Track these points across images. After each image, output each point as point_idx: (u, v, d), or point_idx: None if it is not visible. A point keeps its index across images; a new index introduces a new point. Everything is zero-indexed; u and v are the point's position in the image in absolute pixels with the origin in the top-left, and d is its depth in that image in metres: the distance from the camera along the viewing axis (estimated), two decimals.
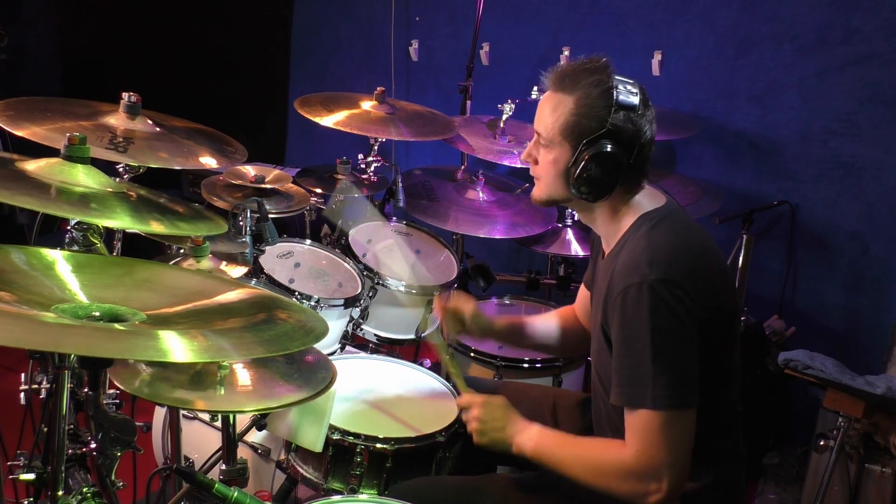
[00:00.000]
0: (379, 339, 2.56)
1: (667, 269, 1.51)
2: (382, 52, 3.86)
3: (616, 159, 1.58)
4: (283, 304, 1.33)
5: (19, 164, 1.43)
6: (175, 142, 1.99)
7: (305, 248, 2.59)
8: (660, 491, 1.50)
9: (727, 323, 1.62)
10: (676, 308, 1.49)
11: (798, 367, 2.36)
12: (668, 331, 1.49)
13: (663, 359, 1.48)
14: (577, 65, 1.64)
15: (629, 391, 1.52)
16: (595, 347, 1.72)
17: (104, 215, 1.38)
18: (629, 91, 1.58)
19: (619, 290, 1.53)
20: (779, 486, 2.86)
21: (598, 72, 1.61)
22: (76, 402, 1.61)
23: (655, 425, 1.49)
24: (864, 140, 2.99)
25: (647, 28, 3.30)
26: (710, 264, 1.62)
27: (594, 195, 1.63)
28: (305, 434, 1.78)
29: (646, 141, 1.60)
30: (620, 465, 1.53)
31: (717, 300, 1.57)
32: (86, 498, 1.33)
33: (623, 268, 1.56)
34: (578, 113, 1.60)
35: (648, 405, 1.49)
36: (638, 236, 1.60)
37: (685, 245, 1.59)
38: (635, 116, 1.58)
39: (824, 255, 3.12)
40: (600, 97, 1.58)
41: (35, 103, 1.91)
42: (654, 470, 1.50)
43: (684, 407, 1.50)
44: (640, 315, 1.49)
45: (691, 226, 1.68)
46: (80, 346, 1.04)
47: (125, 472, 1.68)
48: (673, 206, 1.69)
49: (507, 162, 2.90)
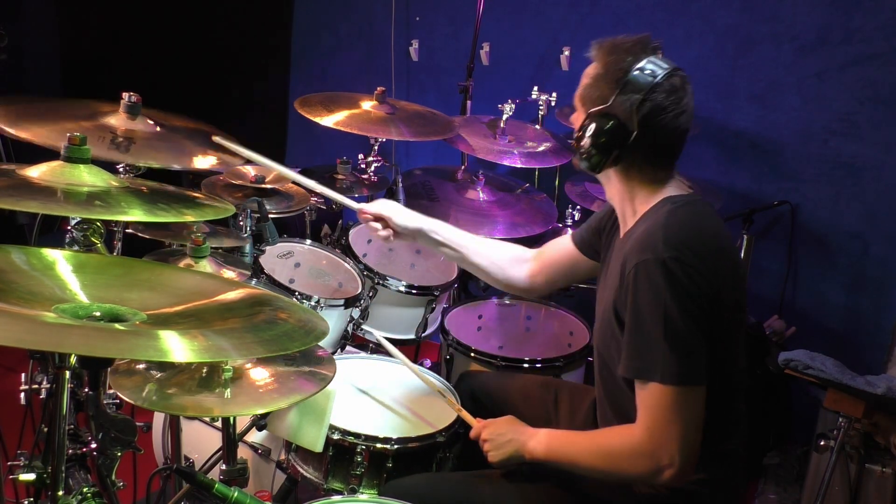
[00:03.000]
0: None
1: (681, 248, 1.52)
2: (382, 52, 3.86)
3: (609, 137, 1.59)
4: (283, 304, 1.33)
5: (20, 171, 1.43)
6: (176, 141, 1.99)
7: (305, 248, 2.59)
8: (673, 466, 1.50)
9: (732, 316, 1.61)
10: (689, 287, 1.50)
11: (798, 367, 2.36)
12: (680, 308, 1.49)
13: (674, 335, 1.49)
14: (621, 39, 1.65)
15: (639, 364, 1.53)
16: (599, 327, 1.72)
17: (116, 211, 1.38)
18: (647, 74, 1.58)
19: (633, 266, 1.54)
20: (779, 486, 2.86)
21: (632, 51, 1.61)
22: (76, 402, 1.61)
23: (666, 401, 1.50)
24: (864, 140, 2.98)
25: (647, 28, 3.25)
26: (723, 253, 1.62)
27: (589, 166, 1.65)
28: (305, 434, 1.78)
29: (656, 128, 1.59)
30: (632, 445, 1.54)
31: (725, 289, 1.57)
32: (86, 498, 1.33)
33: (637, 244, 1.57)
34: (593, 84, 1.63)
35: (657, 379, 1.49)
36: (657, 216, 1.61)
37: (701, 229, 1.60)
38: (646, 101, 1.57)
39: (824, 255, 3.12)
40: (616, 73, 1.59)
41: (35, 104, 1.91)
42: (665, 446, 1.50)
43: (693, 384, 1.51)
44: (653, 290, 1.50)
45: (712, 217, 1.68)
46: (81, 346, 1.04)
47: (125, 472, 1.68)
48: (698, 197, 1.70)
49: (507, 162, 2.89)
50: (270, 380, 1.57)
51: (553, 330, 2.79)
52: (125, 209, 1.39)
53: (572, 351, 2.52)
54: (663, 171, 1.68)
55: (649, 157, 1.64)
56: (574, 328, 2.73)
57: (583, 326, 2.69)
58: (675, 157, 1.68)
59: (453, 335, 2.52)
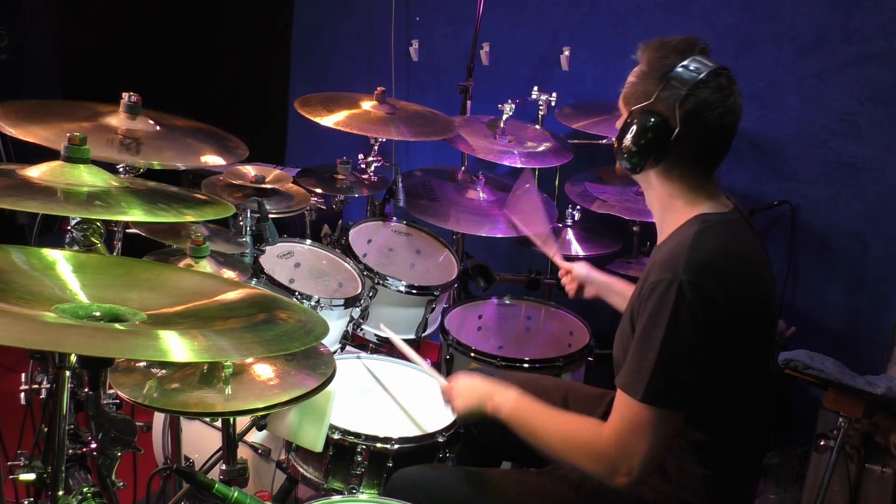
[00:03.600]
0: (379, 339, 2.56)
1: (702, 273, 1.49)
2: (382, 52, 3.86)
3: (651, 133, 1.57)
4: (283, 304, 1.33)
5: (20, 171, 1.43)
6: (177, 141, 2.00)
7: (305, 248, 2.59)
8: (629, 475, 1.51)
9: (753, 345, 1.59)
10: (698, 315, 1.48)
11: (798, 367, 2.36)
12: (682, 334, 1.48)
13: (669, 358, 1.48)
14: (668, 39, 1.62)
15: (630, 378, 1.52)
16: (618, 332, 1.71)
17: (116, 211, 1.38)
18: (692, 71, 1.55)
19: (651, 283, 1.53)
20: (779, 486, 2.86)
21: (678, 49, 1.59)
22: (76, 402, 1.61)
23: (642, 418, 1.49)
24: (864, 140, 2.98)
25: (647, 28, 3.30)
26: (749, 279, 1.58)
27: (630, 165, 1.63)
28: (305, 434, 1.78)
29: (699, 125, 1.56)
30: (597, 444, 1.54)
31: (746, 316, 1.55)
32: (86, 498, 1.33)
33: (661, 261, 1.56)
34: (638, 82, 1.61)
35: (639, 396, 1.49)
36: (686, 235, 1.58)
37: (729, 254, 1.56)
38: (689, 97, 1.54)
39: (824, 255, 3.12)
40: (661, 69, 1.57)
41: (36, 105, 1.91)
42: (628, 457, 1.50)
43: (672, 408, 1.50)
44: (662, 311, 1.49)
45: (746, 237, 1.64)
46: (81, 346, 1.04)
47: (125, 472, 1.68)
48: (735, 216, 1.65)
49: (507, 162, 2.89)
50: (271, 375, 1.57)
51: (553, 330, 2.79)
52: (125, 209, 1.39)
53: (572, 351, 2.52)
54: (704, 176, 1.63)
55: (691, 157, 1.60)
56: (574, 328, 2.73)
57: (583, 326, 2.69)
58: (718, 160, 1.64)
59: (453, 335, 2.52)
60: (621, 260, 2.97)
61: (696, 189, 1.63)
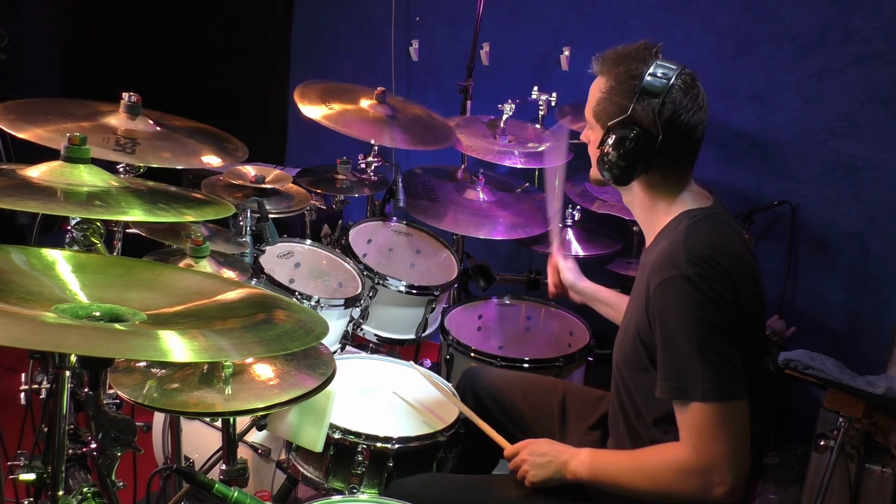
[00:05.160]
0: (379, 339, 2.56)
1: (704, 264, 1.51)
2: (382, 52, 3.86)
3: (636, 145, 1.59)
4: (283, 304, 1.33)
5: (20, 171, 1.43)
6: (177, 141, 2.00)
7: (305, 248, 2.59)
8: (724, 483, 1.48)
9: (748, 336, 1.59)
10: (716, 301, 1.49)
11: (798, 367, 2.35)
12: (711, 322, 1.48)
13: (709, 351, 1.48)
14: (623, 49, 1.65)
15: (677, 384, 1.51)
16: (620, 339, 1.71)
17: (116, 211, 1.38)
18: (661, 78, 1.57)
19: (657, 284, 1.53)
20: (779, 486, 2.86)
21: (639, 58, 1.60)
22: (76, 402, 1.62)
23: (710, 419, 1.48)
24: (864, 140, 2.98)
25: (647, 28, 3.30)
26: (744, 272, 1.59)
27: (616, 179, 1.65)
28: (306, 434, 1.78)
29: (678, 129, 1.59)
30: (679, 464, 1.51)
31: (747, 305, 1.56)
32: (86, 498, 1.33)
33: (659, 261, 1.56)
34: (607, 97, 1.63)
35: (698, 398, 1.47)
36: (677, 231, 1.60)
37: (722, 244, 1.58)
38: (666, 104, 1.57)
39: (824, 255, 3.12)
40: (628, 82, 1.59)
41: (36, 105, 1.91)
42: (714, 463, 1.48)
43: (735, 398, 1.49)
44: (681, 308, 1.49)
45: (731, 230, 1.67)
46: (81, 346, 1.04)
47: (125, 472, 1.68)
48: (719, 209, 1.68)
49: (507, 162, 2.89)
50: (271, 375, 1.57)
51: (553, 330, 2.79)
52: (125, 209, 1.39)
53: (572, 351, 2.52)
54: (684, 173, 1.67)
55: (674, 159, 1.63)
56: (574, 328, 2.73)
57: (583, 326, 2.69)
58: (695, 157, 1.67)
59: (453, 335, 2.52)
60: (621, 260, 2.97)
61: (677, 187, 1.66)
